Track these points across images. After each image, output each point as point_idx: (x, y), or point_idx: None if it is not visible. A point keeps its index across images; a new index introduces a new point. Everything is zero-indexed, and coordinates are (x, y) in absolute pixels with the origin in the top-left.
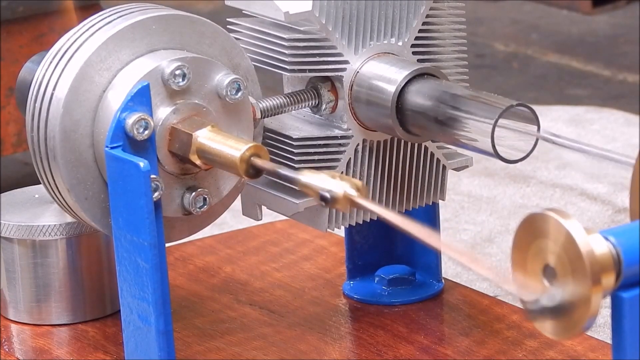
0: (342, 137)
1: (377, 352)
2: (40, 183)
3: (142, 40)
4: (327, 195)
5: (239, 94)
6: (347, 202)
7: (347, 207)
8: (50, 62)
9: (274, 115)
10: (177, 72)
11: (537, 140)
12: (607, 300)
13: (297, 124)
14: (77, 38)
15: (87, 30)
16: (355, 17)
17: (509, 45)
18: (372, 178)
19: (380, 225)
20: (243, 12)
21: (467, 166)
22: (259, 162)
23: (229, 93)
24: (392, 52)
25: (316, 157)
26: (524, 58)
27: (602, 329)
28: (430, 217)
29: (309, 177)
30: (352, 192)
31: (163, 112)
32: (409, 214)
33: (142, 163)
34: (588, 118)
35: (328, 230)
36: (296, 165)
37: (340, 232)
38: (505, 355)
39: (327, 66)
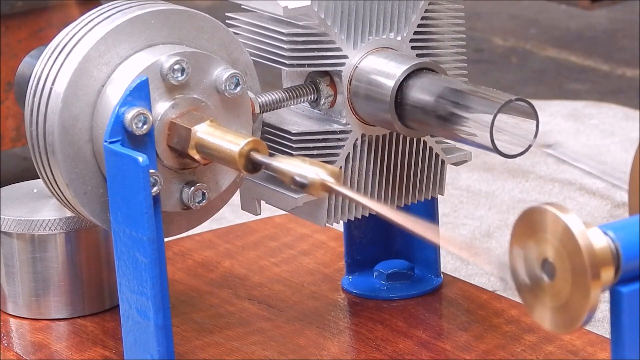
0: (341, 132)
1: (375, 347)
2: (39, 178)
3: (141, 34)
4: (302, 180)
5: (238, 88)
6: (322, 188)
7: (322, 193)
8: (49, 57)
9: (273, 110)
10: (176, 66)
11: (536, 135)
12: (606, 295)
13: (295, 118)
14: (75, 33)
15: (86, 25)
16: (354, 12)
17: (508, 40)
18: (370, 173)
19: (379, 220)
20: (242, 7)
21: (465, 161)
22: (258, 156)
23: (227, 88)
24: (391, 47)
25: (315, 152)
26: (522, 53)
27: (600, 324)
28: (429, 211)
29: (283, 163)
30: (327, 178)
31: (162, 107)
32: (407, 208)
33: (141, 158)
34: (587, 113)
35: (327, 225)
36: None
37: (339, 226)
38: (504, 349)
39: (326, 61)
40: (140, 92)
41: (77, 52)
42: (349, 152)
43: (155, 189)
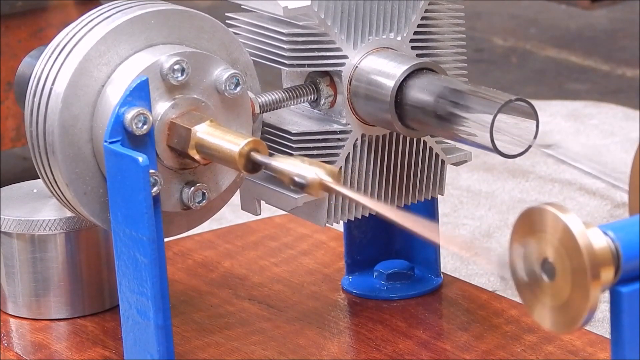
0: (341, 132)
1: (375, 347)
2: (39, 178)
3: (141, 35)
4: (301, 180)
5: (238, 88)
6: (320, 187)
7: (320, 192)
8: (49, 57)
9: (273, 110)
10: (176, 66)
11: (536, 135)
12: (606, 295)
13: (295, 118)
14: (76, 33)
15: (86, 25)
16: (354, 12)
17: (508, 39)
18: (370, 173)
19: (379, 220)
20: (242, 7)
21: (465, 161)
22: (258, 156)
23: (227, 88)
24: (391, 47)
25: (315, 152)
26: (522, 53)
27: (600, 324)
28: (429, 211)
29: (282, 162)
30: (325, 177)
31: (162, 107)
32: (407, 208)
33: (141, 158)
34: (587, 113)
35: (327, 225)
36: None
37: (339, 226)
38: (504, 349)
39: (326, 61)
40: (140, 92)
41: (77, 52)
42: (349, 152)
43: (155, 189)
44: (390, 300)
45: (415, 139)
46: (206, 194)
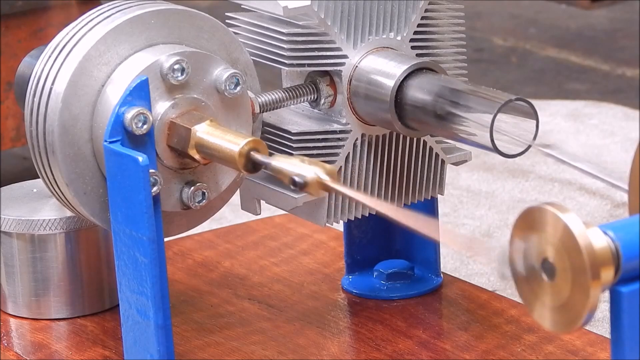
0: (341, 132)
1: (375, 347)
2: (39, 177)
3: (141, 34)
4: (300, 180)
5: (238, 88)
6: (319, 187)
7: (319, 192)
8: (49, 57)
9: (273, 109)
10: (176, 66)
11: (536, 135)
12: (606, 295)
13: (295, 118)
14: (75, 32)
15: (86, 24)
16: (354, 12)
17: (508, 39)
18: (370, 172)
19: (379, 219)
20: (242, 6)
21: (465, 160)
22: (258, 156)
23: (227, 87)
24: (391, 47)
25: (315, 152)
26: (522, 52)
27: (600, 324)
28: (429, 211)
29: (281, 162)
30: (324, 177)
31: (162, 107)
32: (407, 208)
33: (141, 157)
34: (586, 112)
35: (327, 224)
36: None
37: (339, 226)
38: (504, 349)
39: (326, 61)
40: (140, 92)
41: (77, 52)
42: (349, 152)
43: (155, 188)
44: (390, 300)
45: (415, 139)
46: (206, 193)
